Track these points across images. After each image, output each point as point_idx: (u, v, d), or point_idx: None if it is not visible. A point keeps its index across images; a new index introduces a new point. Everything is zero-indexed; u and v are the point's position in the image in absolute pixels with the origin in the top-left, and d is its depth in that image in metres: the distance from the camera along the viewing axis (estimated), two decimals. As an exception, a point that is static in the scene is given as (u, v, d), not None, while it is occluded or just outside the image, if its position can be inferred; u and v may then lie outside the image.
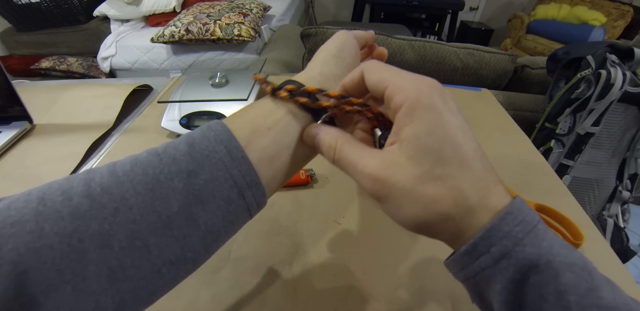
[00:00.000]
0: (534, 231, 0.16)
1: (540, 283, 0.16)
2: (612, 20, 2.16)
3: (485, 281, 0.17)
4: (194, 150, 0.18)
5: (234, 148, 0.19)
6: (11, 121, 0.56)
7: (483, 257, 0.17)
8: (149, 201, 0.17)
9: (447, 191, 0.17)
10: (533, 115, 0.88)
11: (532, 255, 0.16)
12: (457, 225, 0.18)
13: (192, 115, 0.54)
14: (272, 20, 1.95)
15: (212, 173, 0.18)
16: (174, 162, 0.18)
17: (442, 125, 0.17)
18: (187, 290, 0.32)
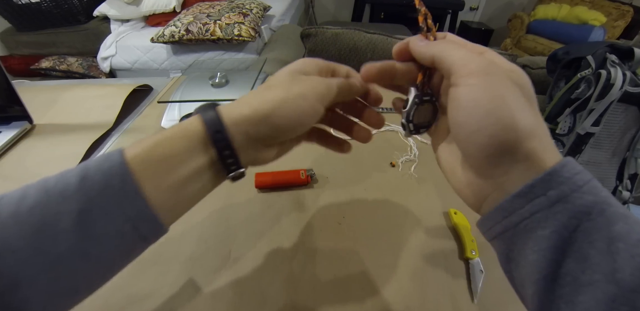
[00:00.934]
0: (592, 182, 0.17)
1: (591, 229, 0.16)
2: (612, 20, 2.16)
3: (527, 231, 0.17)
4: (86, 185, 0.18)
5: (128, 184, 0.18)
6: (11, 121, 0.56)
7: (538, 199, 0.17)
8: (35, 244, 0.17)
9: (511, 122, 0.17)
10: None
11: (589, 203, 0.16)
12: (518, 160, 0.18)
13: (192, 115, 0.54)
14: (272, 20, 1.95)
15: (104, 210, 0.18)
16: (63, 201, 0.17)
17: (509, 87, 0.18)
18: (187, 290, 0.32)
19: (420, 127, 0.25)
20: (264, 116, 0.21)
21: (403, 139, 0.55)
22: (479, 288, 0.33)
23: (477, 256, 0.36)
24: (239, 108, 0.22)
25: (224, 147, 0.21)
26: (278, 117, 0.21)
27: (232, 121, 0.21)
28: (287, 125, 0.22)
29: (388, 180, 0.47)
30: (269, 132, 0.22)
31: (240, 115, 0.21)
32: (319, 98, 0.23)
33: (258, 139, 0.22)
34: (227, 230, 0.38)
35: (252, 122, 0.21)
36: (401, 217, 0.41)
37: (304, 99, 0.22)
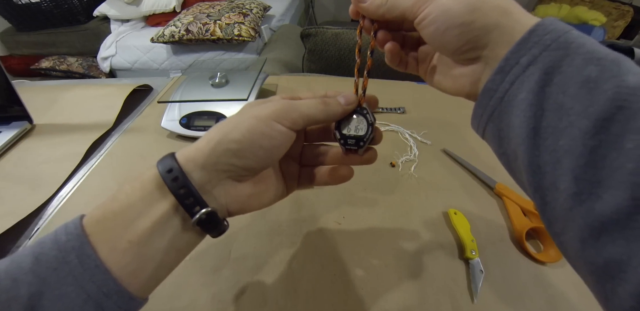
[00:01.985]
0: (564, 36, 0.17)
1: (563, 80, 0.16)
2: (612, 20, 2.16)
3: (509, 102, 0.18)
4: (40, 265, 0.16)
5: (86, 257, 0.17)
6: (11, 121, 0.56)
7: (514, 69, 0.17)
8: None
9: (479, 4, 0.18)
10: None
11: (558, 57, 0.16)
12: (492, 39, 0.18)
13: (192, 115, 0.54)
14: (272, 20, 1.95)
15: (60, 291, 0.16)
16: (13, 286, 0.16)
17: None
18: (187, 290, 0.32)
19: (349, 137, 0.25)
20: (217, 143, 0.20)
21: (403, 139, 0.55)
22: (479, 288, 0.33)
23: (477, 256, 0.36)
24: (194, 145, 0.21)
25: (179, 186, 0.19)
26: (231, 142, 0.20)
27: (186, 158, 0.20)
28: (243, 148, 0.20)
29: (388, 180, 0.47)
30: (228, 159, 0.20)
31: (195, 149, 0.20)
32: (278, 117, 0.21)
33: (220, 171, 0.20)
34: (227, 231, 0.38)
35: (206, 153, 0.20)
36: (401, 217, 0.41)
37: (258, 120, 0.21)
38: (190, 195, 0.19)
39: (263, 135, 0.21)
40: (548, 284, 0.34)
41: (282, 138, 0.21)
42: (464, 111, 0.67)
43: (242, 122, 0.21)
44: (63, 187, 0.45)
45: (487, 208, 0.43)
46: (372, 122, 0.24)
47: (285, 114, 0.21)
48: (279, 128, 0.21)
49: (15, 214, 0.40)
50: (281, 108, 0.21)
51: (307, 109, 0.22)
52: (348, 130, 0.25)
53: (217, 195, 0.21)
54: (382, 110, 0.63)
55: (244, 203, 0.23)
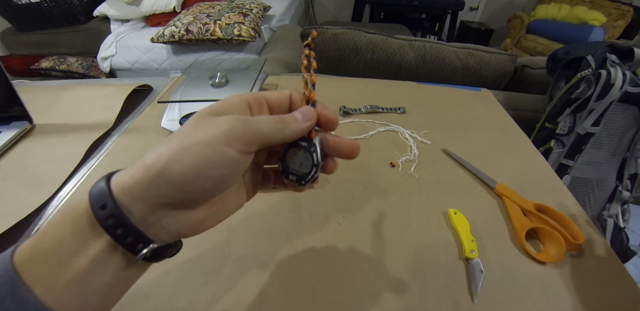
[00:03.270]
0: None
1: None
2: (612, 20, 2.16)
3: None
4: None
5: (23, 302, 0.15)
6: (11, 121, 0.56)
7: None
8: None
9: None
10: (533, 115, 0.88)
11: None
12: None
13: (192, 115, 0.54)
14: (272, 20, 1.95)
15: None
16: None
17: None
18: (187, 290, 0.32)
19: (291, 172, 0.23)
20: (157, 174, 0.17)
21: (403, 139, 0.56)
22: (479, 288, 0.33)
23: (477, 256, 0.36)
24: (132, 169, 0.18)
25: (114, 225, 0.16)
26: (173, 175, 0.17)
27: (123, 188, 0.17)
28: (187, 182, 0.17)
29: (388, 180, 0.47)
30: (171, 194, 0.17)
31: (132, 178, 0.17)
32: (231, 141, 0.18)
33: (164, 205, 0.18)
34: (227, 230, 0.38)
35: (144, 185, 0.17)
36: (401, 217, 0.41)
37: (205, 145, 0.17)
38: (129, 235, 0.17)
39: (211, 165, 0.18)
40: (548, 284, 0.34)
41: (234, 166, 0.19)
42: (464, 111, 0.68)
43: (186, 149, 0.17)
44: (63, 187, 0.45)
45: (487, 208, 0.43)
46: (317, 162, 0.22)
47: (238, 136, 0.18)
48: (231, 154, 0.18)
49: (15, 214, 0.40)
50: (233, 129, 0.18)
51: (263, 128, 0.19)
52: (293, 163, 0.23)
53: (164, 225, 0.18)
54: (382, 110, 0.63)
55: (197, 227, 0.20)
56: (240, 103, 0.21)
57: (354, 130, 0.57)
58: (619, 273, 0.36)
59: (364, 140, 0.55)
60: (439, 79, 0.91)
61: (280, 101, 0.23)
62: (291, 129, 0.21)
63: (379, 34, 0.89)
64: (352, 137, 0.55)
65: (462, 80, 0.92)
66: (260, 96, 0.22)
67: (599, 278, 0.35)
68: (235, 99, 0.21)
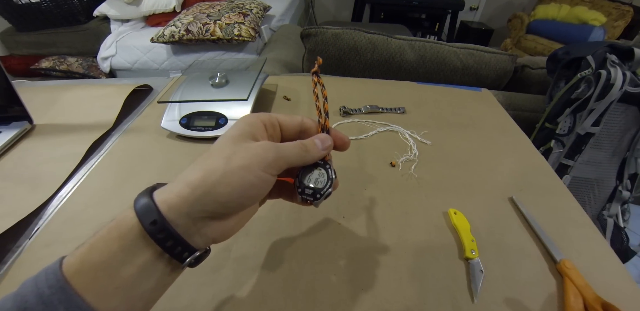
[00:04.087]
0: None
1: None
2: (612, 20, 2.16)
3: None
4: None
5: (77, 308, 0.16)
6: (11, 121, 0.56)
7: None
8: None
9: None
10: (533, 115, 0.88)
11: None
12: None
13: (192, 115, 0.54)
14: (272, 20, 1.95)
15: None
16: None
17: None
18: (187, 290, 0.32)
19: (307, 188, 0.25)
20: (204, 194, 0.19)
21: (403, 139, 0.56)
22: (479, 288, 0.33)
23: (477, 256, 0.36)
24: (176, 188, 0.20)
25: (165, 238, 0.19)
26: (220, 195, 0.20)
27: (169, 206, 0.19)
28: (232, 200, 0.20)
29: (388, 180, 0.47)
30: (214, 209, 0.20)
31: (178, 197, 0.19)
32: (266, 167, 0.21)
33: (205, 218, 0.20)
34: (227, 230, 0.38)
35: (191, 202, 0.19)
36: (401, 217, 0.41)
37: (247, 171, 0.20)
38: (177, 245, 0.19)
39: (252, 187, 0.21)
40: (548, 284, 0.34)
41: (268, 187, 0.22)
42: (464, 111, 0.68)
43: (231, 173, 0.20)
44: (63, 187, 0.45)
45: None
46: (332, 177, 0.25)
47: (272, 163, 0.22)
48: (267, 178, 0.22)
49: (15, 214, 0.40)
50: (269, 157, 0.21)
51: (291, 156, 0.23)
52: (308, 180, 0.25)
53: (202, 234, 0.21)
54: (382, 110, 0.63)
55: (229, 233, 0.23)
56: (259, 124, 0.24)
57: (354, 130, 0.57)
58: (619, 273, 0.36)
59: (364, 140, 0.55)
60: (439, 79, 0.91)
61: (291, 125, 0.26)
62: (312, 156, 0.24)
63: (379, 34, 0.89)
64: (352, 137, 0.55)
65: (462, 80, 0.92)
66: (273, 118, 0.25)
67: (599, 278, 0.35)
68: (254, 120, 0.24)
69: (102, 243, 0.18)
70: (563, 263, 0.35)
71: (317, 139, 0.25)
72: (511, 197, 0.45)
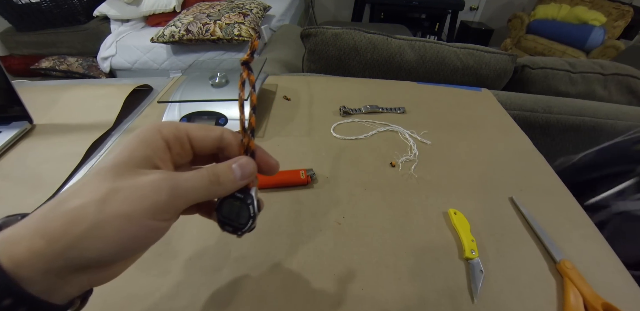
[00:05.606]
0: None
1: None
2: (612, 20, 2.16)
3: None
4: None
5: None
6: (11, 121, 0.56)
7: None
8: None
9: None
10: (533, 115, 0.88)
11: None
12: None
13: (192, 115, 0.54)
14: (272, 20, 1.95)
15: None
16: None
17: None
18: (187, 290, 0.32)
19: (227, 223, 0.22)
20: (65, 248, 0.15)
21: (403, 139, 0.55)
22: (479, 288, 0.33)
23: (477, 256, 0.36)
24: (30, 239, 0.15)
25: (13, 305, 0.14)
26: (89, 250, 0.15)
27: (16, 262, 0.14)
28: (105, 256, 0.16)
29: (388, 180, 0.47)
30: (83, 264, 0.16)
31: (29, 251, 0.14)
32: (156, 213, 0.16)
33: (73, 271, 0.16)
34: (227, 230, 0.38)
35: (48, 259, 0.15)
36: (401, 217, 0.41)
37: (129, 221, 0.16)
38: (35, 309, 0.15)
39: (134, 239, 0.16)
40: (548, 284, 0.34)
41: (159, 235, 0.18)
42: (464, 111, 0.68)
43: (104, 223, 0.15)
44: (63, 187, 0.45)
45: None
46: (254, 214, 0.22)
47: (165, 208, 0.17)
48: (157, 226, 0.17)
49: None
50: (160, 200, 0.16)
51: (195, 194, 0.18)
52: (229, 214, 0.22)
53: (73, 284, 0.16)
54: (382, 110, 0.63)
55: (111, 277, 0.18)
56: (158, 142, 0.18)
57: (353, 130, 0.57)
58: (619, 273, 0.36)
59: (364, 140, 0.55)
60: (439, 79, 0.91)
61: (206, 140, 0.20)
62: (225, 189, 0.19)
63: (379, 34, 0.89)
64: (352, 137, 0.55)
65: (462, 80, 0.92)
66: (181, 131, 0.19)
67: (599, 279, 0.35)
68: (153, 136, 0.18)
69: None
70: (563, 263, 0.35)
71: (235, 164, 0.20)
72: (511, 197, 0.45)
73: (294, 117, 0.60)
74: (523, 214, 0.42)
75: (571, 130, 0.85)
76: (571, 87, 0.93)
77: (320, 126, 0.58)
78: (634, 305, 0.33)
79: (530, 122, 0.88)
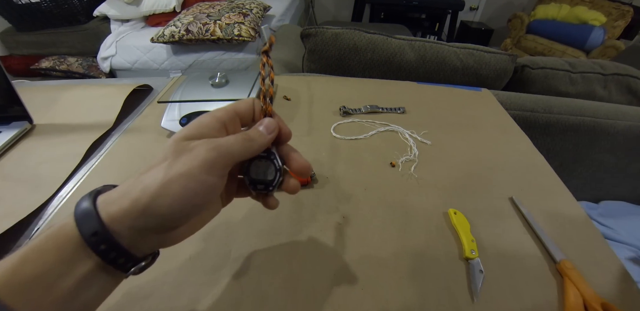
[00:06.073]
0: None
1: None
2: (612, 20, 2.16)
3: None
4: None
5: None
6: (11, 121, 0.56)
7: None
8: None
9: None
10: (533, 115, 0.88)
11: None
12: None
13: (192, 115, 0.54)
14: (272, 20, 1.95)
15: None
16: None
17: None
18: (187, 289, 0.32)
19: (258, 182, 0.25)
20: (144, 207, 0.18)
21: (403, 139, 0.55)
22: (479, 288, 0.33)
23: (477, 256, 0.36)
24: (119, 199, 0.19)
25: (107, 249, 0.18)
26: (161, 207, 0.18)
27: (112, 217, 0.18)
28: (175, 212, 0.19)
29: (388, 180, 0.47)
30: (159, 222, 0.19)
31: (120, 209, 0.18)
32: (210, 169, 0.19)
33: (151, 229, 0.19)
34: (227, 230, 0.38)
35: (133, 216, 0.18)
36: (401, 217, 0.41)
37: (189, 178, 0.19)
38: (121, 256, 0.18)
39: (196, 194, 0.19)
40: (548, 284, 0.34)
41: (215, 191, 0.20)
42: (464, 111, 0.68)
43: (171, 182, 0.18)
44: (63, 187, 0.45)
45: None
46: (279, 167, 0.25)
47: (215, 163, 0.20)
48: (212, 181, 0.20)
49: (15, 214, 0.40)
50: (210, 157, 0.20)
51: (236, 150, 0.21)
52: (257, 174, 0.25)
53: (148, 243, 0.20)
54: (382, 110, 0.63)
55: (177, 240, 0.22)
56: (214, 123, 0.22)
57: (353, 130, 0.57)
58: (619, 273, 0.36)
59: (364, 140, 0.55)
60: (439, 79, 0.91)
61: (248, 112, 0.25)
62: (259, 144, 0.23)
63: (379, 34, 0.89)
64: (352, 137, 0.55)
65: (462, 80, 0.92)
66: (232, 112, 0.24)
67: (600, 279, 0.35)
68: (209, 120, 0.22)
69: (36, 255, 0.17)
70: (563, 263, 0.35)
71: (260, 126, 0.24)
72: (511, 197, 0.45)
73: (294, 117, 0.60)
74: (523, 214, 0.42)
75: (571, 130, 0.85)
76: (571, 87, 0.93)
77: (320, 126, 0.58)
78: (634, 305, 0.33)
79: (530, 122, 0.87)
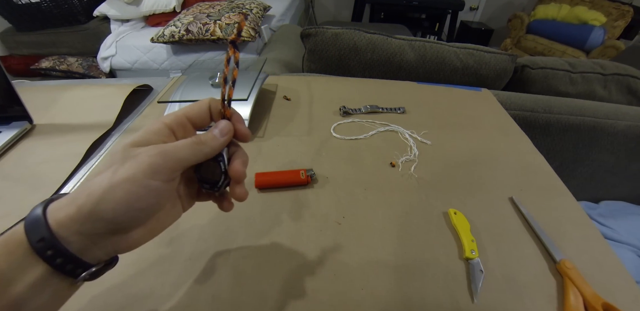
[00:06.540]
0: None
1: None
2: (612, 20, 2.16)
3: None
4: None
5: None
6: (11, 121, 0.56)
7: None
8: None
9: None
10: (533, 115, 0.88)
11: None
12: None
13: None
14: (272, 20, 1.95)
15: None
16: None
17: None
18: (187, 290, 0.32)
19: (205, 181, 0.25)
20: (89, 213, 0.18)
21: (403, 139, 0.55)
22: (479, 288, 0.33)
23: (477, 256, 0.36)
24: (67, 206, 0.19)
25: (53, 255, 0.18)
26: (105, 211, 0.19)
27: (59, 223, 0.18)
28: (119, 216, 0.19)
29: (388, 180, 0.47)
30: (105, 226, 0.19)
31: (67, 215, 0.18)
32: (154, 174, 0.20)
33: (100, 235, 0.19)
34: (227, 230, 0.38)
35: (80, 221, 0.18)
36: (401, 217, 0.41)
37: (132, 183, 0.19)
38: (68, 262, 0.18)
39: (139, 198, 0.19)
40: (548, 284, 0.34)
41: (160, 195, 0.21)
42: (464, 111, 0.68)
43: (114, 187, 0.19)
44: (63, 187, 0.45)
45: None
46: (224, 170, 0.25)
47: (160, 168, 0.20)
48: (156, 185, 0.20)
49: (15, 214, 0.40)
50: (154, 162, 0.20)
51: (184, 155, 0.21)
52: (205, 173, 0.25)
53: (101, 248, 0.20)
54: (382, 110, 0.63)
55: (134, 244, 0.22)
56: (162, 129, 0.22)
57: (354, 130, 0.57)
58: (619, 273, 0.36)
59: (364, 140, 0.55)
60: (439, 79, 0.91)
61: (201, 115, 0.24)
62: (211, 147, 0.23)
63: (379, 34, 0.89)
64: (352, 137, 0.55)
65: (462, 80, 0.92)
66: (181, 117, 0.23)
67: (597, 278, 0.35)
68: (157, 126, 0.22)
69: None
70: (563, 263, 0.35)
71: (215, 129, 0.24)
72: (511, 197, 0.45)
73: (294, 117, 0.60)
74: (523, 214, 0.42)
75: (571, 130, 0.85)
76: (571, 87, 0.93)
77: (320, 126, 0.58)
78: (634, 305, 0.33)
79: (530, 122, 0.87)
